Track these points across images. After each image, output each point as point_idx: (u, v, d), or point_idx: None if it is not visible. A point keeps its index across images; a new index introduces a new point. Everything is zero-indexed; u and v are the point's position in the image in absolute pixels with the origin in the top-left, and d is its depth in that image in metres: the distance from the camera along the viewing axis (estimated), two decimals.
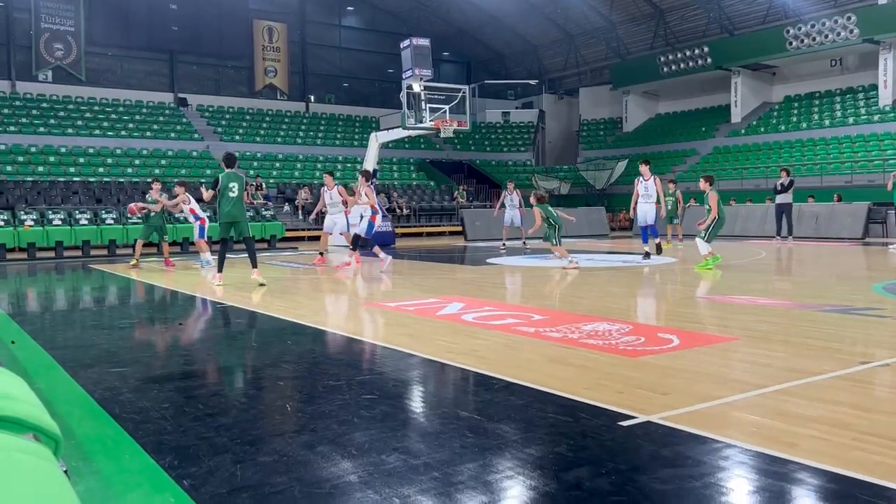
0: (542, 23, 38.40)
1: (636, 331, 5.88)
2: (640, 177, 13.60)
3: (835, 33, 28.03)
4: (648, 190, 13.41)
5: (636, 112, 38.32)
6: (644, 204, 13.44)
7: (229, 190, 9.83)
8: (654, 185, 13.43)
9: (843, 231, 19.78)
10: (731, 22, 32.90)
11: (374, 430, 3.42)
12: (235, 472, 2.90)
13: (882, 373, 4.43)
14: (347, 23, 39.82)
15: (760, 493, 2.64)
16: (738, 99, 33.09)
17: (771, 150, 29.61)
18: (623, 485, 2.69)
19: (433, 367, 4.90)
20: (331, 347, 5.99)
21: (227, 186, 9.83)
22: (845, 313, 6.72)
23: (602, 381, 4.27)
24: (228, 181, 9.87)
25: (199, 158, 29.13)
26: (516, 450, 3.11)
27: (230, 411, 3.82)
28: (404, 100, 18.36)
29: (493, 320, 6.59)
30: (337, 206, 13.47)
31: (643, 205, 13.45)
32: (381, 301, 8.42)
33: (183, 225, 18.67)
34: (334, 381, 4.46)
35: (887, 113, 27.56)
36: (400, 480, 2.77)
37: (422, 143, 35.31)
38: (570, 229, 23.83)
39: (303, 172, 30.53)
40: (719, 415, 3.59)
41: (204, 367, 5.27)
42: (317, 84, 38.44)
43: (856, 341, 5.56)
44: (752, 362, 4.82)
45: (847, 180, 24.51)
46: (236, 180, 9.92)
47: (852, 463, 2.84)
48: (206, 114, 33.12)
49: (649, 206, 13.44)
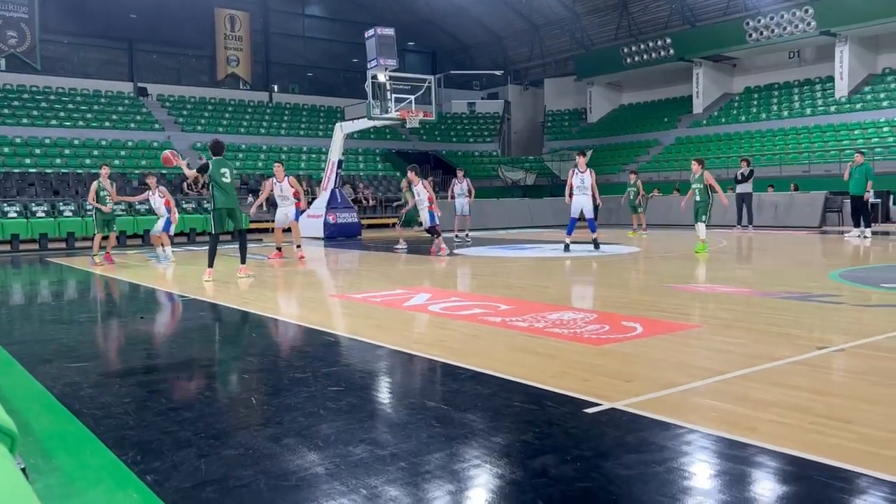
0: (507, 13, 38.43)
1: (601, 319, 5.94)
2: (575, 168, 13.50)
3: (793, 26, 28.56)
4: (584, 182, 13.28)
5: (600, 103, 38.61)
6: (580, 196, 13.32)
7: (222, 176, 9.40)
8: (590, 177, 13.30)
9: (801, 220, 20.23)
10: (693, 14, 33.31)
11: (340, 421, 3.41)
12: (200, 466, 2.87)
13: (838, 357, 4.55)
14: (311, 12, 39.38)
15: (721, 476, 2.70)
16: (699, 90, 33.56)
17: (732, 140, 30.10)
18: (588, 471, 2.73)
19: (400, 358, 4.90)
20: (297, 339, 5.95)
21: (218, 173, 9.40)
22: (803, 300, 6.88)
23: (567, 369, 4.31)
24: (219, 167, 9.41)
25: (160, 149, 28.51)
26: (483, 439, 3.13)
27: (194, 405, 3.78)
28: (369, 90, 18.23)
29: (459, 310, 6.60)
30: (288, 198, 12.77)
31: (578, 196, 13.33)
32: (348, 292, 8.39)
33: (144, 217, 18.37)
34: (300, 374, 4.44)
35: (843, 104, 28.20)
36: (367, 471, 2.77)
37: (387, 134, 35.14)
38: (536, 219, 24.04)
39: (266, 163, 30.14)
40: (682, 401, 3.65)
41: (167, 361, 5.19)
42: (280, 73, 37.99)
43: (813, 327, 5.70)
44: (713, 349, 4.91)
45: (805, 170, 25.04)
46: (227, 166, 9.47)
47: (809, 445, 2.91)
48: (166, 103, 32.51)
49: (585, 198, 13.33)
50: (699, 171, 12.74)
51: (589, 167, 13.67)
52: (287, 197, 12.81)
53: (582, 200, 13.32)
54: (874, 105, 27.21)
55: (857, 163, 15.76)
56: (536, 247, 15.06)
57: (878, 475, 2.60)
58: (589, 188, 13.28)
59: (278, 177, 12.75)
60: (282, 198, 12.84)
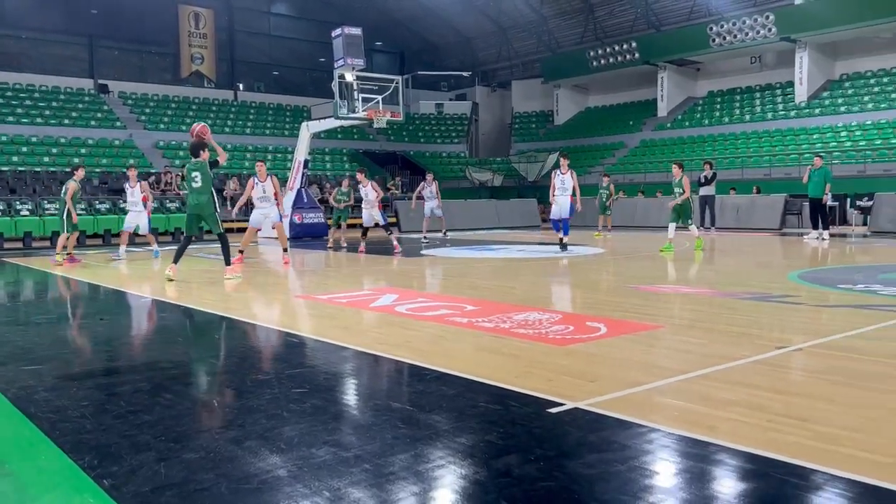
0: (475, 15, 38.55)
1: (565, 320, 5.99)
2: (556, 169, 13.81)
3: (754, 31, 29.13)
4: (565, 183, 13.55)
5: (567, 105, 38.94)
6: (561, 196, 13.58)
7: (192, 180, 9.34)
8: (571, 178, 13.60)
9: (762, 222, 20.63)
10: (658, 18, 33.78)
11: (304, 423, 3.38)
12: (159, 470, 2.82)
13: (796, 357, 4.64)
14: (277, 10, 39.05)
15: (682, 475, 2.73)
16: (664, 93, 34.05)
17: (695, 143, 30.59)
18: (551, 471, 2.74)
19: (365, 360, 4.87)
20: (260, 341, 5.88)
21: (190, 176, 9.36)
22: (763, 301, 7.01)
23: (532, 369, 4.33)
24: (191, 171, 9.36)
25: (121, 147, 28.10)
26: (448, 439, 3.13)
27: (154, 408, 3.71)
28: (336, 89, 18.11)
29: (426, 311, 6.60)
30: (269, 199, 12.16)
31: (560, 197, 13.59)
32: (313, 293, 8.32)
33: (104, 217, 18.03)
34: (263, 376, 4.39)
35: (802, 109, 28.85)
36: (330, 473, 2.74)
37: (355, 134, 34.99)
38: (503, 220, 24.13)
39: (231, 162, 29.80)
40: (644, 400, 3.69)
41: (126, 363, 5.09)
42: (246, 72, 37.59)
43: (772, 327, 5.81)
44: (675, 349, 4.98)
45: (766, 173, 25.56)
46: (199, 169, 9.32)
47: (767, 443, 2.97)
48: (128, 101, 31.94)
49: (565, 199, 13.58)
50: (679, 174, 13.07)
51: (571, 168, 13.93)
52: (269, 198, 12.15)
53: (563, 201, 13.56)
54: (832, 110, 27.90)
55: (816, 166, 16.12)
56: (503, 248, 15.12)
57: (833, 472, 2.66)
58: (570, 189, 13.52)
59: (260, 176, 12.03)
60: (263, 199, 12.07)
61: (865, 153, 24.07)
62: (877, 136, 25.19)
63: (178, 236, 18.42)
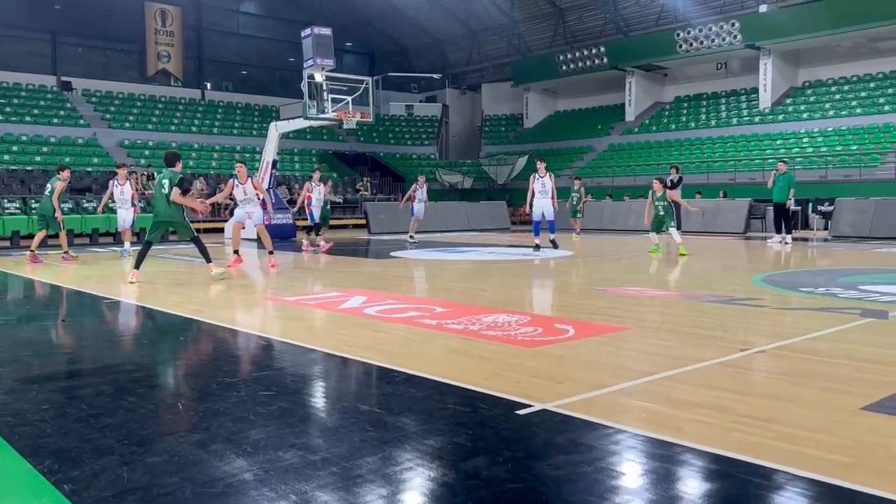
0: (445, 17, 38.59)
1: (534, 322, 6.02)
2: (535, 173, 14.13)
3: (720, 38, 29.62)
4: (545, 186, 13.99)
5: (536, 109, 39.18)
6: (541, 199, 14.01)
7: (161, 187, 9.34)
8: (549, 181, 14.06)
9: (726, 226, 20.97)
10: (627, 24, 34.17)
11: (270, 426, 3.35)
12: (122, 475, 2.76)
13: (759, 359, 4.73)
14: (246, 9, 38.66)
15: (647, 475, 2.76)
16: (632, 98, 34.44)
17: (662, 147, 31.00)
18: (519, 472, 2.75)
19: (333, 362, 4.84)
20: (227, 343, 5.81)
21: (160, 184, 9.36)
22: (728, 303, 7.13)
23: (501, 371, 4.34)
24: (161, 178, 9.38)
25: (84, 146, 27.57)
26: (416, 441, 3.12)
27: (117, 412, 3.64)
28: (305, 90, 17.99)
29: (395, 313, 6.58)
30: (252, 200, 11.78)
31: (540, 200, 14.02)
32: (281, 295, 8.25)
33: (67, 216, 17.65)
34: (230, 378, 4.34)
35: (766, 115, 29.41)
36: (297, 477, 2.72)
37: (324, 135, 34.78)
38: (473, 222, 24.18)
39: (198, 162, 29.44)
40: (611, 402, 3.73)
41: (89, 365, 4.99)
42: (213, 71, 37.15)
43: (737, 330, 5.91)
44: (642, 351, 5.04)
45: (731, 178, 25.99)
46: (168, 177, 9.30)
47: (731, 444, 3.01)
48: (92, 99, 31.35)
49: (546, 202, 14.03)
50: (661, 190, 13.26)
51: (548, 171, 14.40)
52: (251, 199, 11.77)
53: (543, 203, 13.99)
54: (795, 117, 28.48)
55: (780, 171, 16.44)
56: (473, 250, 15.16)
57: (795, 472, 2.71)
58: (549, 192, 13.96)
59: (241, 178, 11.47)
60: (245, 200, 11.67)
61: (826, 159, 24.62)
62: (837, 143, 25.78)
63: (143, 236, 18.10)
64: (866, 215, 18.16)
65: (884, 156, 23.60)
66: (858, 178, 22.82)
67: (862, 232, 17.87)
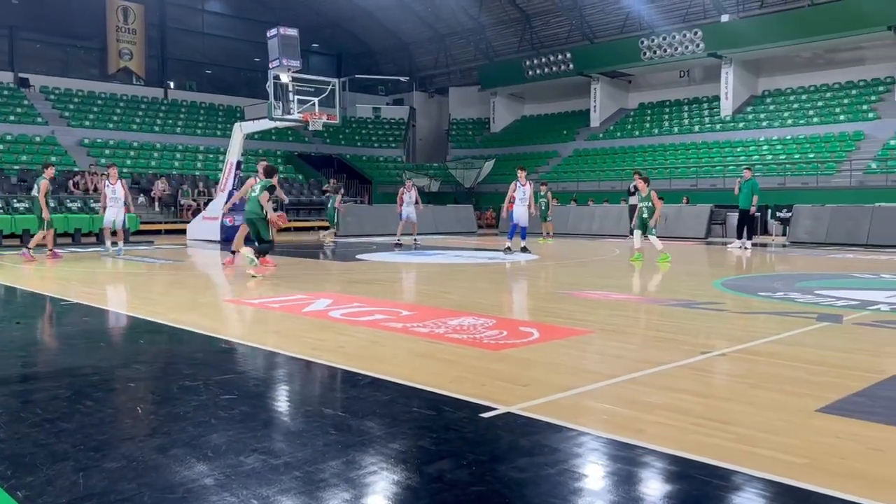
0: (413, 20, 38.60)
1: (499, 325, 6.04)
2: (516, 180, 14.65)
3: (683, 46, 30.15)
4: (524, 194, 14.58)
5: (503, 113, 39.40)
6: (520, 206, 14.58)
7: (253, 191, 10.26)
8: (529, 189, 14.68)
9: (688, 231, 21.32)
10: (592, 30, 34.56)
11: (232, 431, 3.31)
12: (77, 481, 2.70)
13: (719, 362, 4.81)
14: (211, 8, 38.21)
15: (610, 477, 2.79)
16: (597, 104, 34.84)
17: (626, 153, 31.40)
18: (483, 475, 2.76)
19: (297, 365, 4.80)
20: (188, 346, 5.72)
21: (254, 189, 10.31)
22: (688, 307, 7.24)
23: (466, 374, 4.35)
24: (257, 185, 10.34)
25: (42, 144, 26.93)
26: (380, 445, 3.11)
27: (73, 416, 3.56)
28: (271, 90, 17.81)
29: (361, 316, 6.55)
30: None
31: (519, 206, 14.58)
32: (244, 298, 8.15)
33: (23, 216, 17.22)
34: (191, 382, 4.27)
35: (727, 123, 29.99)
36: (259, 481, 2.69)
37: (290, 136, 34.49)
38: (440, 226, 24.19)
39: (160, 162, 28.99)
40: (574, 404, 3.76)
41: (44, 369, 4.88)
42: (177, 70, 36.63)
43: (698, 333, 6.00)
44: (605, 354, 5.09)
45: (692, 184, 26.44)
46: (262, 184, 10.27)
47: (691, 445, 3.06)
48: (51, 96, 30.65)
49: (524, 209, 14.61)
50: (646, 188, 13.30)
51: (529, 180, 15.11)
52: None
53: (521, 210, 14.61)
54: (755, 124, 29.10)
55: (745, 178, 16.78)
56: (440, 253, 15.17)
57: (751, 472, 2.76)
58: (527, 199, 14.61)
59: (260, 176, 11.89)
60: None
61: (785, 167, 25.18)
62: (795, 151, 26.40)
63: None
64: (822, 222, 18.62)
65: (839, 164, 24.23)
66: (815, 185, 23.39)
67: (818, 238, 18.32)
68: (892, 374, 4.38)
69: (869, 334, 5.82)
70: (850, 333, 5.83)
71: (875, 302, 7.51)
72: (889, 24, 24.98)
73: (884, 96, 26.92)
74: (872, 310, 6.96)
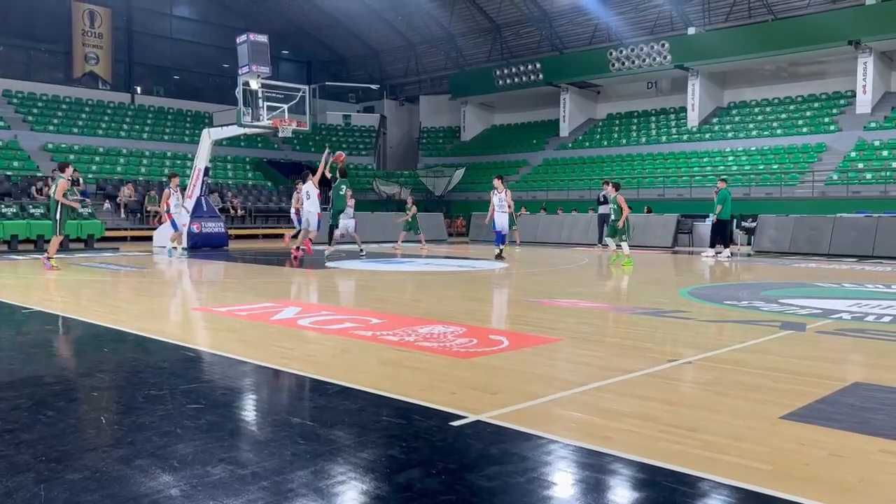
0: (383, 28, 38.64)
1: (469, 333, 6.05)
2: (494, 189, 15.25)
3: (651, 58, 30.61)
4: (502, 201, 15.34)
5: (473, 122, 39.57)
6: (500, 213, 15.35)
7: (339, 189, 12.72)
8: (507, 197, 15.46)
9: (655, 240, 21.59)
10: (562, 41, 34.92)
11: (199, 440, 3.26)
12: (38, 493, 2.64)
13: (685, 370, 4.87)
14: (180, 13, 37.84)
15: (578, 485, 2.80)
16: (566, 114, 35.17)
17: (595, 163, 31.73)
18: (452, 484, 2.75)
19: (265, 374, 4.75)
20: (153, 355, 5.63)
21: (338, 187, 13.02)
22: (656, 316, 7.33)
23: (436, 382, 4.34)
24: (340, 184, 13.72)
25: (4, 149, 26.36)
26: (349, 454, 3.09)
27: (34, 426, 3.48)
28: (240, 96, 17.66)
29: (330, 324, 6.51)
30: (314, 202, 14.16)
31: (500, 214, 15.35)
32: (211, 305, 8.05)
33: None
34: (156, 391, 4.20)
35: (694, 133, 30.48)
36: (226, 492, 2.65)
37: (259, 142, 34.24)
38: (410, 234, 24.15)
39: (126, 168, 28.55)
40: (544, 412, 3.77)
41: (3, 378, 4.75)
42: (144, 75, 36.17)
43: (665, 341, 6.07)
44: (573, 361, 5.12)
45: (660, 193, 26.80)
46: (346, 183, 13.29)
47: (658, 453, 3.09)
48: (13, 100, 30.04)
49: (504, 216, 15.43)
50: (613, 192, 14.07)
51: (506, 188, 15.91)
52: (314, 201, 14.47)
53: (502, 217, 15.43)
54: (721, 135, 29.61)
55: (719, 189, 17.15)
56: (410, 261, 15.15)
57: (718, 479, 2.79)
58: (506, 205, 15.41)
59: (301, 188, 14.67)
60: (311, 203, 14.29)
61: (750, 177, 25.65)
62: (760, 162, 26.92)
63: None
64: (786, 231, 18.99)
65: (802, 175, 24.75)
66: (779, 196, 23.87)
67: (782, 247, 18.67)
68: (853, 382, 4.47)
69: (831, 342, 5.94)
70: (813, 342, 5.95)
71: (837, 311, 7.67)
72: (849, 39, 25.65)
73: (844, 109, 27.60)
74: (834, 318, 7.11)
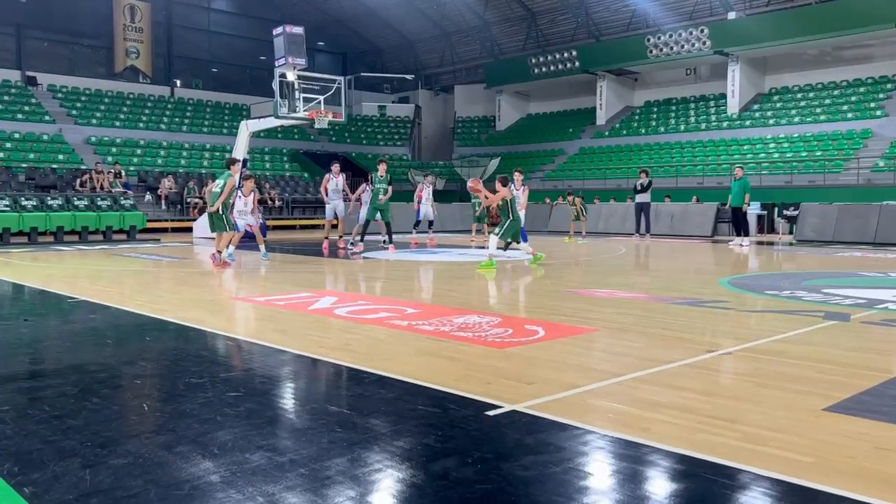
0: (418, 18, 38.58)
1: (505, 323, 6.04)
2: (511, 183, 14.85)
3: (689, 44, 30.04)
4: (519, 197, 14.68)
5: (509, 111, 39.34)
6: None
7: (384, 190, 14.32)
8: (523, 194, 14.94)
9: (694, 229, 21.27)
10: (598, 28, 34.47)
11: (238, 428, 3.31)
12: (84, 477, 2.71)
13: (725, 360, 4.79)
14: (217, 6, 38.27)
15: (615, 475, 2.78)
16: (602, 102, 34.75)
17: (632, 151, 31.32)
18: (488, 473, 2.75)
19: (303, 363, 4.80)
20: (194, 344, 5.73)
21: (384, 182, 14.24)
22: (694, 306, 7.22)
23: (471, 372, 4.35)
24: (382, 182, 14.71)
25: (50, 142, 27.03)
26: (385, 443, 3.11)
27: (80, 413, 3.57)
28: (277, 88, 17.83)
29: (366, 314, 6.55)
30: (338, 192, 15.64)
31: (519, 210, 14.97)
32: (250, 295, 8.17)
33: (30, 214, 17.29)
34: (197, 379, 4.28)
35: (734, 120, 29.87)
36: (264, 478, 2.69)
37: (295, 134, 34.55)
38: (445, 224, 24.19)
39: (167, 160, 29.06)
40: (580, 402, 3.75)
41: (51, 366, 4.90)
42: (183, 68, 36.71)
43: (704, 331, 5.98)
44: (610, 352, 5.08)
45: (699, 182, 26.36)
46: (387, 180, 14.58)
47: (697, 444, 3.05)
48: (58, 94, 30.76)
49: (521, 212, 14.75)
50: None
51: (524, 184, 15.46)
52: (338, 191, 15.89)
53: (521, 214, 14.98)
54: (762, 122, 28.98)
55: (736, 177, 16.83)
56: (444, 251, 15.17)
57: (758, 471, 2.75)
58: (523, 202, 14.88)
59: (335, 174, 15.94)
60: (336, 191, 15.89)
61: (792, 165, 25.08)
62: (802, 149, 26.29)
63: (110, 234, 17.81)
64: (829, 220, 18.54)
65: (846, 162, 24.12)
66: (822, 183, 23.29)
67: (825, 236, 18.25)
68: None
69: (876, 333, 5.79)
70: (858, 332, 5.81)
71: (882, 301, 7.47)
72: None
73: (892, 94, 26.78)
74: (880, 308, 6.93)
